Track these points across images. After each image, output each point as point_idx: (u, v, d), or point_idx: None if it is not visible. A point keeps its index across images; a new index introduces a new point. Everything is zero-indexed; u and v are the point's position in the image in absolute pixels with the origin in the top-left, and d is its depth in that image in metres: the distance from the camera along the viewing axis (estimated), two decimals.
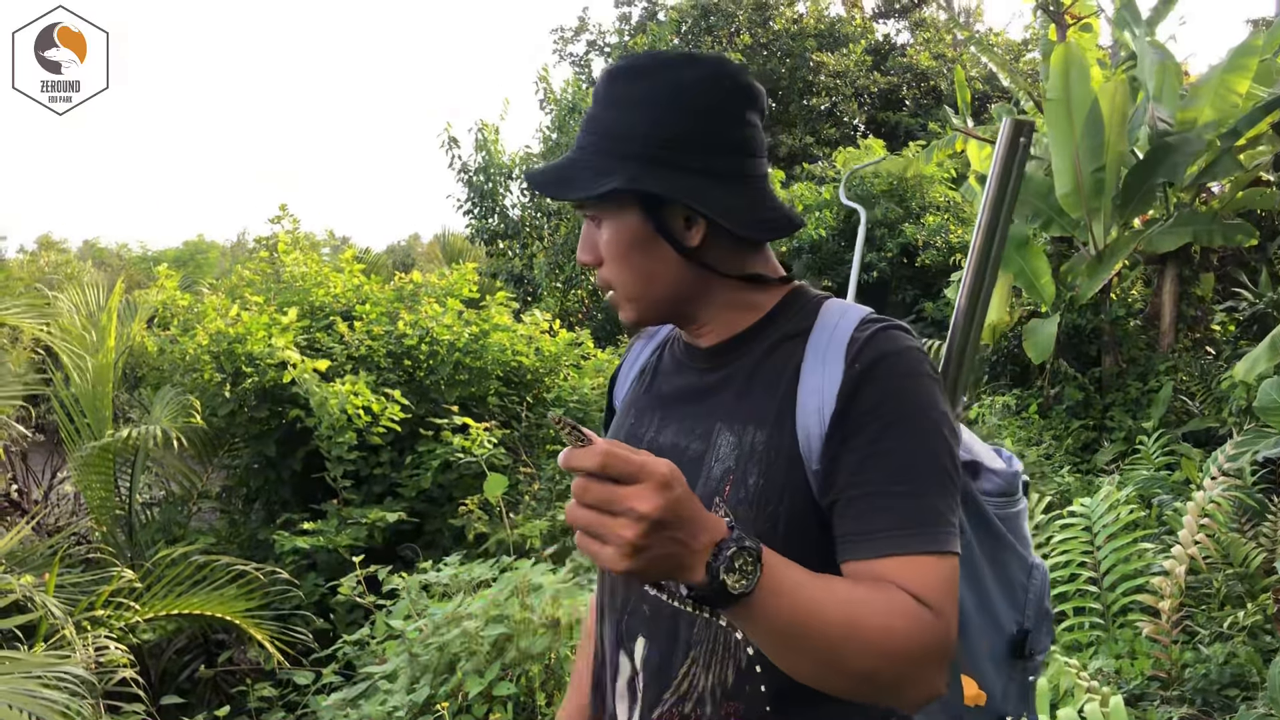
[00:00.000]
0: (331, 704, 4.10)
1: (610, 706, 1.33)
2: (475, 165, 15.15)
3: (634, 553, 0.91)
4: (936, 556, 1.10)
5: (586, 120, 1.26)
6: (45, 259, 21.49)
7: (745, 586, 0.96)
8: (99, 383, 6.63)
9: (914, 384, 1.16)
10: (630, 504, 0.90)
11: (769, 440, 1.19)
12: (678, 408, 1.32)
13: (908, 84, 24.50)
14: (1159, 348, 8.30)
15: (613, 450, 0.91)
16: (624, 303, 1.28)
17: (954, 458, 1.16)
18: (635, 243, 1.23)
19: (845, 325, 1.21)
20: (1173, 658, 3.60)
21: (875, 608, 1.05)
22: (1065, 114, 7.54)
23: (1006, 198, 1.41)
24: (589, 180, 1.20)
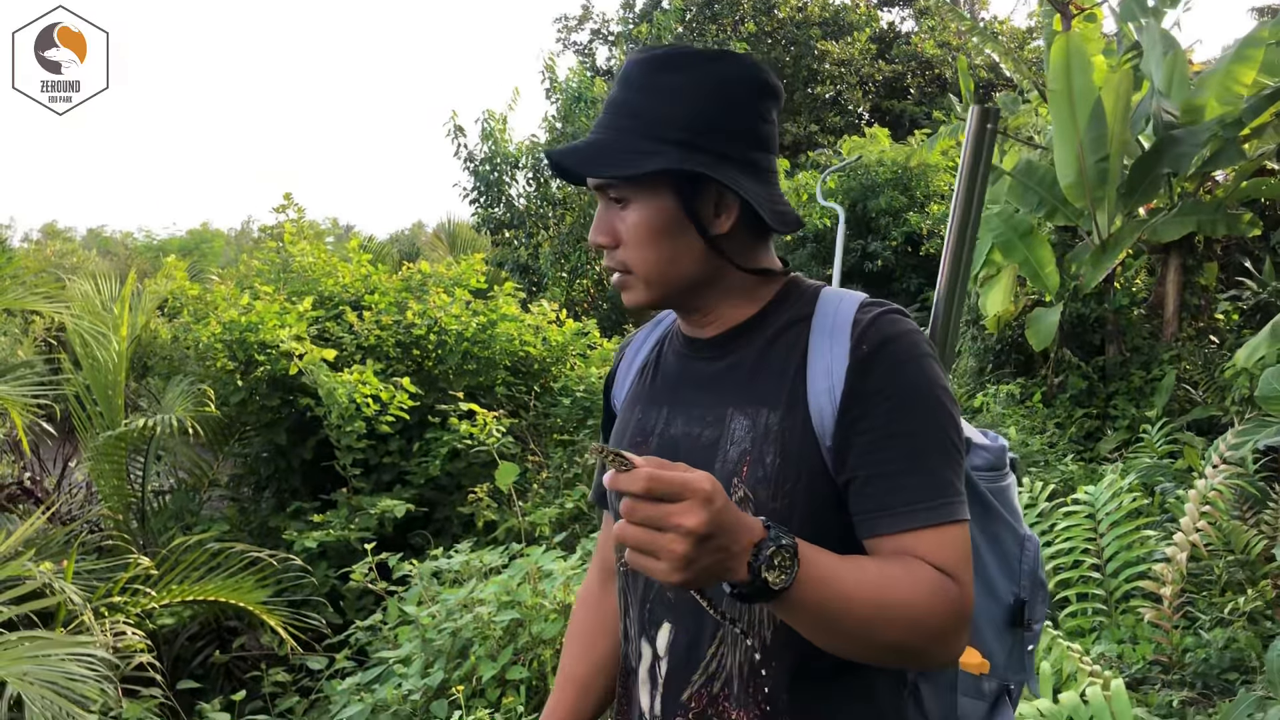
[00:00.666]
0: (346, 688, 4.16)
1: (634, 694, 1.38)
2: (481, 155, 15.16)
3: (685, 566, 0.97)
4: (951, 525, 1.18)
5: (616, 104, 1.28)
6: (51, 248, 21.57)
7: (785, 581, 1.02)
8: (112, 372, 6.68)
9: (919, 364, 1.23)
10: (678, 520, 0.95)
11: (783, 421, 1.25)
12: (685, 398, 1.36)
13: (912, 72, 24.48)
14: (1162, 337, 8.34)
15: (656, 473, 0.96)
16: (640, 285, 1.31)
17: (959, 430, 1.24)
18: (665, 225, 1.27)
19: (846, 308, 1.29)
20: (1174, 642, 3.66)
21: (902, 583, 1.13)
22: (1067, 105, 7.57)
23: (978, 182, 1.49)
24: (632, 159, 1.24)
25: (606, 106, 1.30)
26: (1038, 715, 2.74)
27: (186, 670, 5.72)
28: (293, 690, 4.96)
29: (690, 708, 1.29)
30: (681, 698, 1.30)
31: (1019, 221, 8.34)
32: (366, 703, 3.89)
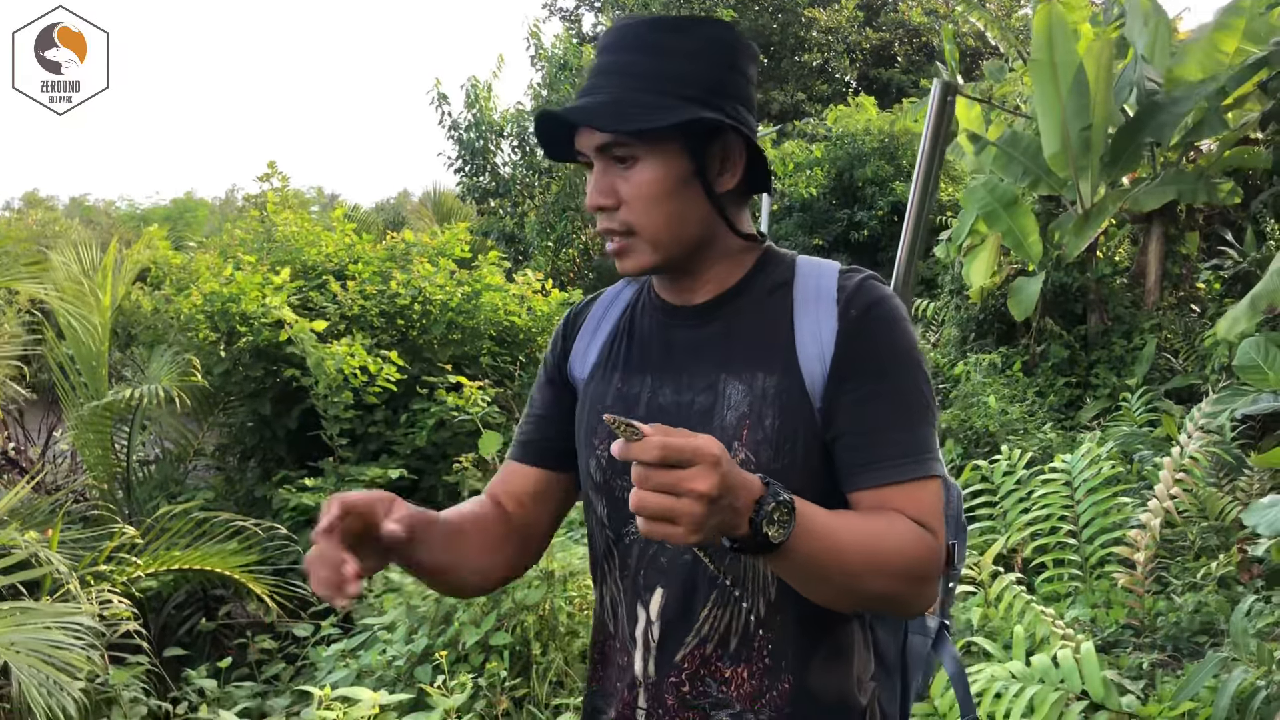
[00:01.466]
0: (331, 655, 4.21)
1: (621, 659, 1.41)
2: (466, 122, 15.09)
3: (700, 527, 1.00)
4: (928, 480, 1.26)
5: (617, 66, 1.29)
6: (33, 217, 21.39)
7: (784, 535, 1.07)
8: (95, 341, 6.67)
9: (900, 329, 1.30)
10: (690, 485, 0.99)
11: (779, 384, 1.30)
12: (672, 365, 1.38)
13: (900, 40, 24.42)
14: (1144, 306, 8.40)
15: (669, 441, 0.99)
16: (644, 247, 1.31)
17: (932, 390, 1.32)
18: (676, 183, 1.29)
19: (827, 274, 1.35)
20: (1146, 607, 3.72)
21: (888, 536, 1.19)
22: (1050, 74, 7.58)
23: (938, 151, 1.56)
24: (656, 113, 1.25)
25: (603, 69, 1.31)
26: (1010, 677, 2.80)
27: (173, 638, 5.75)
28: (279, 657, 5.00)
29: (683, 668, 1.34)
30: (675, 659, 1.34)
31: (1003, 191, 8.37)
32: (352, 668, 3.94)
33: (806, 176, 15.60)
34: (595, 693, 1.47)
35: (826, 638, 1.33)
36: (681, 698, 1.34)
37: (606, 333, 1.49)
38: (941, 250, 10.29)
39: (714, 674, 1.33)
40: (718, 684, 1.33)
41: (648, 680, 1.37)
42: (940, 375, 8.66)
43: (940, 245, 10.37)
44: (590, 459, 1.42)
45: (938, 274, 11.59)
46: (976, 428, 6.41)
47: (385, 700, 3.02)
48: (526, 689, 3.74)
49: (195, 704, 4.17)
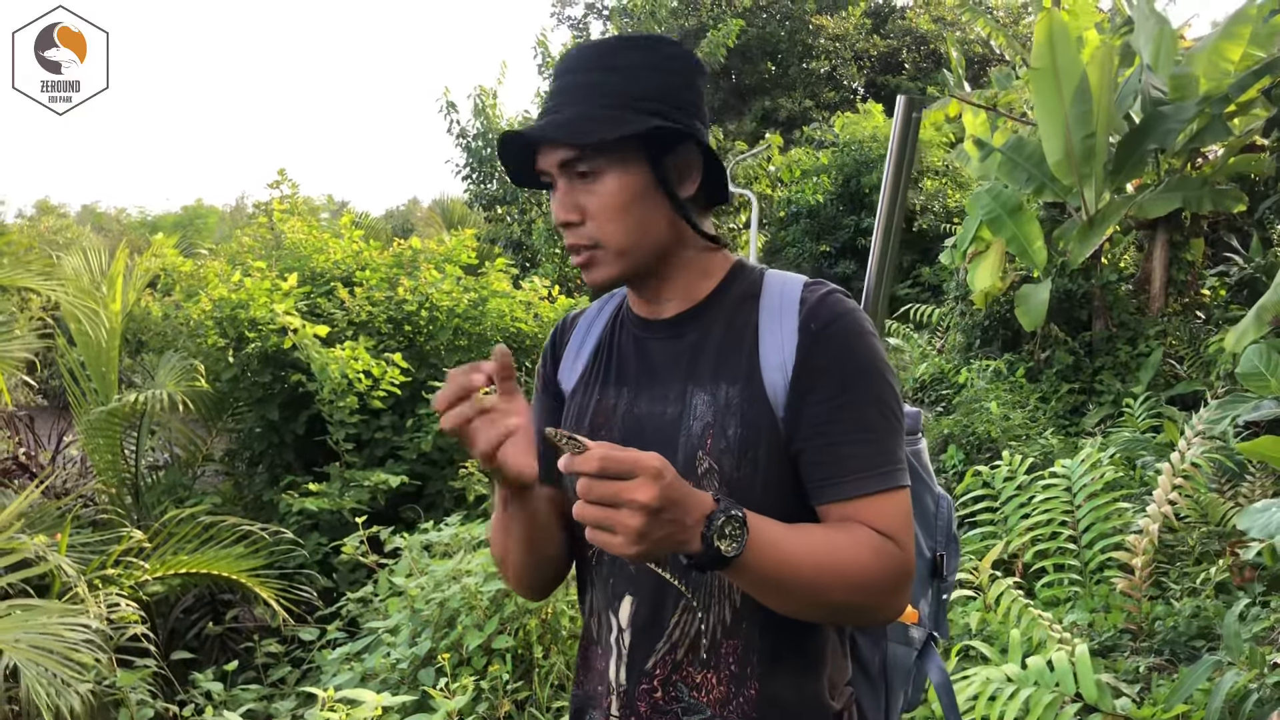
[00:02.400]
0: (336, 658, 4.24)
1: (600, 664, 1.44)
2: (474, 130, 15.17)
3: (640, 539, 1.04)
4: (894, 492, 1.28)
5: (574, 86, 1.32)
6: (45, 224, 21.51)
7: (736, 549, 1.10)
8: (105, 347, 6.73)
9: (863, 342, 1.32)
10: (631, 496, 1.03)
11: (742, 394, 1.33)
12: (645, 378, 1.42)
13: (907, 47, 24.43)
14: (1149, 312, 8.40)
15: (609, 453, 1.03)
16: (610, 259, 1.34)
17: (899, 402, 1.34)
18: (638, 192, 1.32)
19: (791, 288, 1.37)
20: (1144, 611, 3.74)
21: (846, 548, 1.22)
22: (1052, 82, 7.59)
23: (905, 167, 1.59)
24: (615, 125, 1.28)
25: (561, 89, 1.34)
26: (1005, 680, 2.82)
27: (181, 642, 5.81)
28: (285, 661, 5.04)
29: (655, 674, 1.36)
30: (645, 666, 1.37)
31: (1007, 198, 8.38)
32: (356, 672, 3.97)
33: (813, 183, 15.63)
34: (579, 696, 1.50)
35: (794, 644, 1.35)
36: (654, 704, 1.37)
37: (591, 347, 1.53)
38: (946, 256, 10.30)
39: (685, 679, 1.35)
40: (689, 689, 1.35)
41: (619, 687, 1.39)
42: (944, 381, 8.68)
43: (945, 251, 10.38)
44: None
45: (943, 280, 11.61)
46: (979, 433, 6.43)
47: (388, 702, 3.05)
48: (528, 691, 3.77)
49: (201, 706, 4.21)
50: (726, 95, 24.03)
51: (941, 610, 1.59)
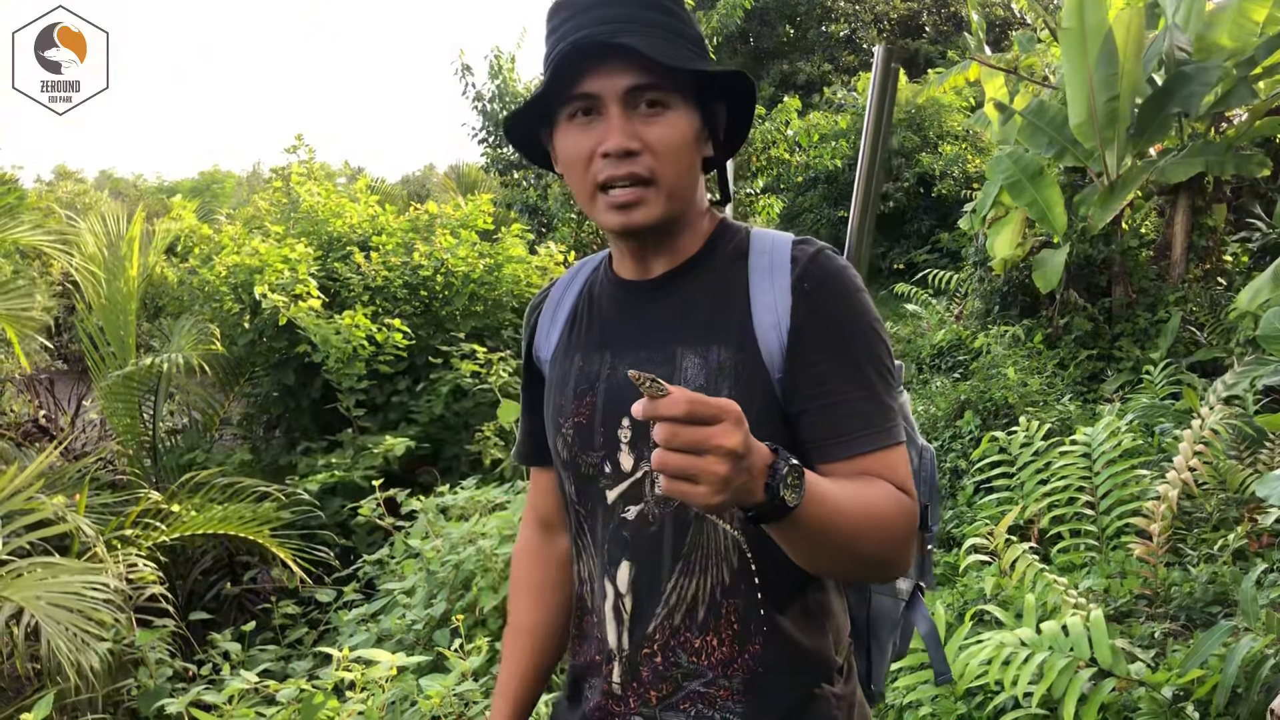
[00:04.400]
0: (352, 619, 4.28)
1: (597, 632, 1.42)
2: (490, 93, 15.07)
3: (725, 486, 0.99)
4: (896, 446, 1.28)
5: (629, 14, 1.26)
6: (63, 189, 21.59)
7: (797, 499, 1.06)
8: (122, 311, 6.77)
9: (857, 299, 1.31)
10: (718, 441, 0.97)
11: (735, 355, 1.30)
12: (630, 340, 1.39)
13: (928, 10, 24.18)
14: (1169, 279, 8.32)
15: (696, 396, 0.97)
16: (660, 198, 1.29)
17: (891, 357, 1.33)
18: (694, 136, 1.30)
19: (781, 246, 1.35)
20: (1160, 577, 3.72)
21: (879, 501, 1.21)
22: (1079, 43, 7.49)
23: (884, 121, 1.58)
24: (699, 59, 1.27)
25: (600, 18, 1.26)
26: (1019, 644, 2.81)
27: (199, 603, 5.86)
28: (302, 622, 5.09)
29: (655, 639, 1.35)
30: (647, 630, 1.36)
31: (1028, 162, 8.29)
32: (372, 632, 4.01)
33: (832, 148, 15.50)
34: (576, 666, 1.49)
35: (797, 600, 1.35)
36: (655, 668, 1.36)
37: (565, 315, 1.49)
38: (965, 222, 10.22)
39: (684, 645, 1.34)
40: (687, 655, 1.34)
41: (622, 653, 1.38)
42: (962, 347, 8.63)
43: (964, 217, 10.30)
44: (557, 438, 1.43)
45: (962, 246, 11.52)
46: (995, 399, 6.40)
47: (403, 662, 3.07)
48: None
49: (219, 666, 4.25)
50: (744, 59, 23.81)
51: (927, 560, 1.58)
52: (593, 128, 1.27)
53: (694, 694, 1.35)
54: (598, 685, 1.43)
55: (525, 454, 1.60)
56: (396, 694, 3.11)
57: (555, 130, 1.33)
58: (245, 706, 3.12)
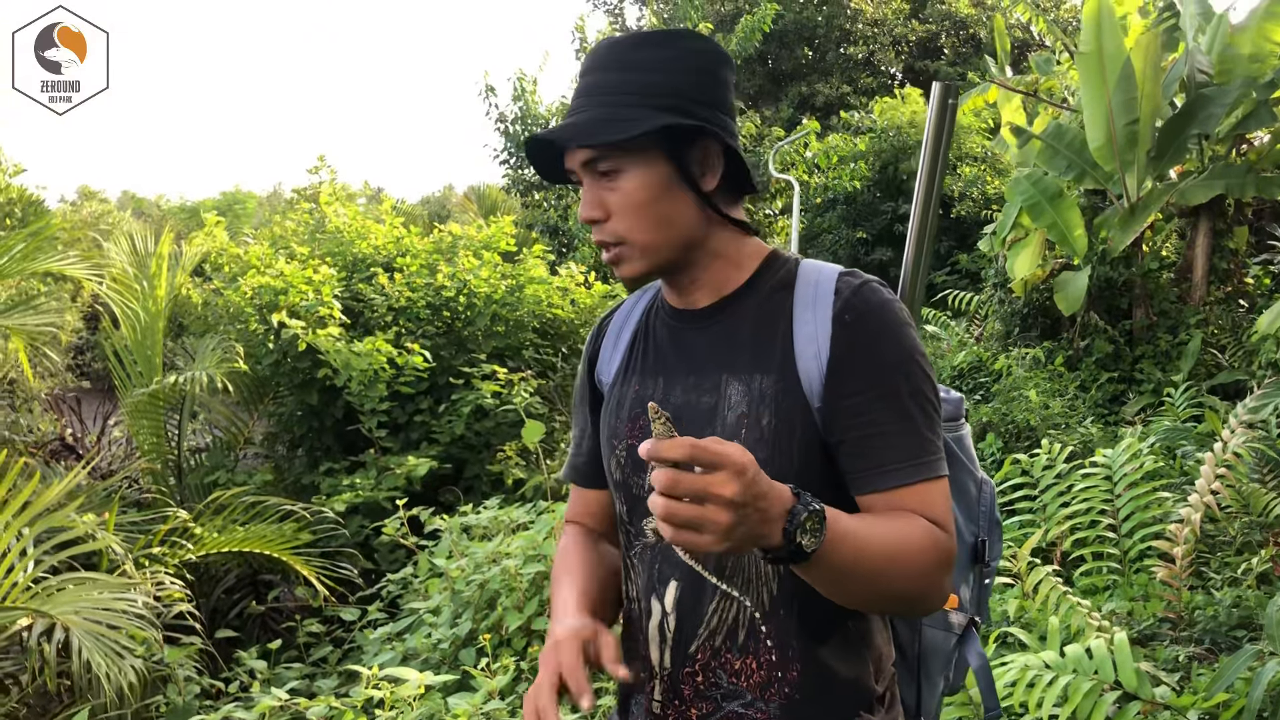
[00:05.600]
0: (378, 638, 4.31)
1: (643, 650, 1.45)
2: (512, 115, 15.20)
3: (727, 535, 1.02)
4: (936, 480, 1.29)
5: (595, 86, 1.34)
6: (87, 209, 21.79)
7: (816, 544, 1.10)
8: (150, 330, 6.84)
9: (899, 333, 1.32)
10: (718, 490, 1.00)
11: (776, 384, 1.33)
12: (680, 368, 1.43)
13: (946, 32, 24.21)
14: (1190, 301, 8.31)
15: (699, 442, 1.01)
16: (636, 255, 1.36)
17: (936, 391, 1.34)
18: (660, 188, 1.33)
19: (826, 278, 1.37)
20: (1184, 601, 3.72)
21: (908, 538, 1.23)
22: (1098, 67, 7.52)
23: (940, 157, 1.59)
24: (631, 124, 1.28)
25: (584, 90, 1.36)
26: (1043, 666, 2.82)
27: (224, 621, 5.91)
28: (326, 640, 5.12)
29: (696, 659, 1.38)
30: (689, 650, 1.39)
31: (1048, 184, 8.31)
32: (398, 651, 4.03)
33: (850, 169, 15.55)
34: (624, 684, 1.51)
35: (836, 628, 1.36)
36: (696, 688, 1.38)
37: (627, 338, 1.54)
38: (985, 243, 10.24)
39: (724, 665, 1.37)
40: (727, 675, 1.37)
41: (664, 671, 1.41)
42: (982, 369, 8.63)
43: (984, 238, 10.31)
44: (611, 459, 1.48)
45: (982, 267, 11.53)
46: (1017, 421, 6.40)
47: (430, 681, 3.10)
48: None
49: (246, 684, 4.29)
50: (762, 81, 23.90)
51: (983, 595, 1.60)
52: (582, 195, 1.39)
53: (733, 714, 1.37)
54: (641, 703, 1.46)
55: (578, 474, 1.62)
56: (424, 713, 3.14)
57: None
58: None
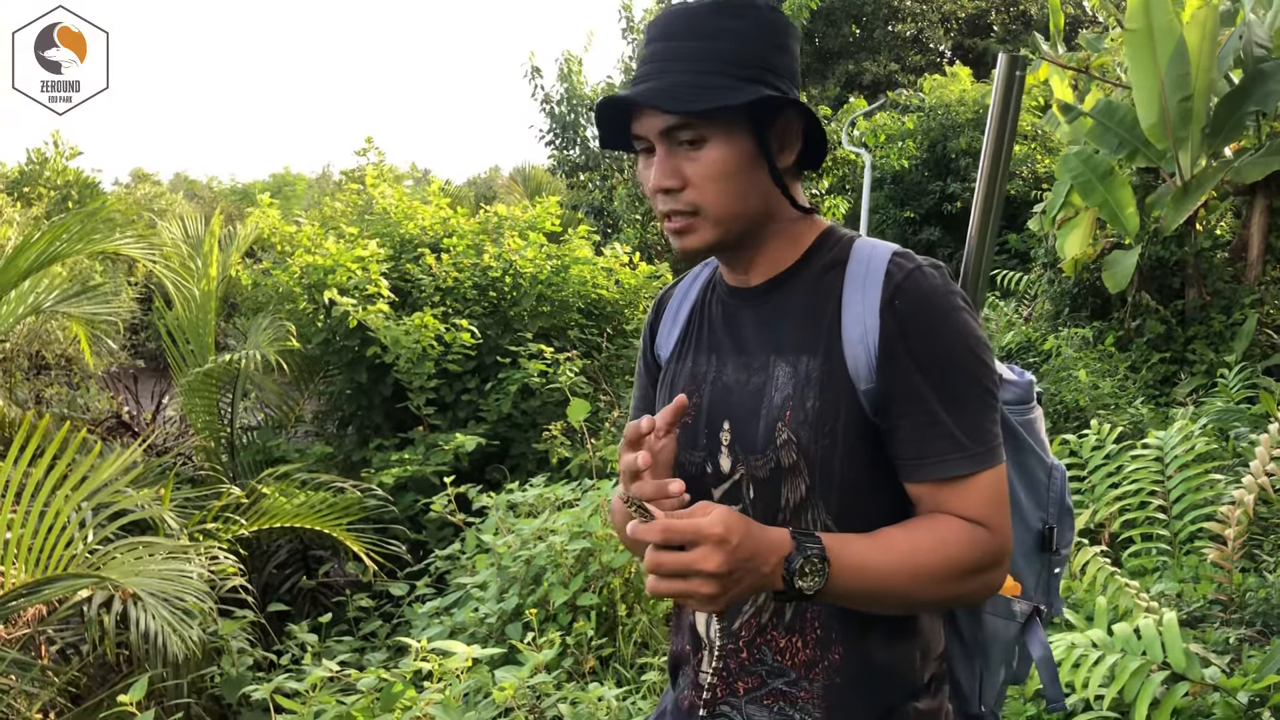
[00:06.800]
0: (426, 612, 4.37)
1: (690, 623, 1.48)
2: (558, 95, 15.21)
3: (715, 600, 1.11)
4: (984, 473, 1.28)
5: (670, 51, 1.31)
6: (140, 191, 22.13)
7: (818, 584, 1.16)
8: (202, 310, 6.95)
9: (953, 319, 1.30)
10: (699, 567, 1.08)
11: (822, 366, 1.33)
12: (733, 346, 1.43)
13: (996, 9, 23.89)
14: (1245, 280, 8.17)
15: (670, 524, 1.09)
16: (707, 226, 1.34)
17: (992, 377, 1.32)
18: (741, 161, 1.32)
19: (879, 258, 1.35)
20: (1235, 583, 3.68)
21: (931, 548, 1.25)
22: (1147, 44, 7.39)
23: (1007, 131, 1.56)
24: (724, 93, 1.27)
25: (658, 55, 1.33)
26: (1090, 645, 2.81)
27: (276, 595, 6.02)
28: (375, 615, 5.19)
29: (742, 634, 1.40)
30: (734, 625, 1.41)
31: (1098, 163, 8.20)
32: (446, 625, 4.09)
33: (899, 148, 15.40)
34: (674, 654, 1.54)
35: (881, 615, 1.36)
36: (741, 663, 1.40)
37: (685, 314, 1.55)
38: (1035, 223, 10.12)
39: (769, 643, 1.38)
40: (773, 652, 1.38)
41: (711, 645, 1.43)
42: (1031, 349, 8.55)
43: (1034, 218, 10.19)
44: None
45: (1031, 247, 11.39)
46: (1066, 402, 6.34)
47: (478, 654, 3.14)
48: (612, 648, 3.85)
49: (298, 656, 4.37)
50: (809, 59, 23.69)
51: (1053, 583, 1.57)
52: (651, 163, 1.35)
53: (778, 691, 1.39)
54: (688, 674, 1.48)
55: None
56: (471, 685, 3.19)
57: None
58: (326, 694, 3.21)
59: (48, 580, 3.87)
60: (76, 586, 4.01)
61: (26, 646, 4.27)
